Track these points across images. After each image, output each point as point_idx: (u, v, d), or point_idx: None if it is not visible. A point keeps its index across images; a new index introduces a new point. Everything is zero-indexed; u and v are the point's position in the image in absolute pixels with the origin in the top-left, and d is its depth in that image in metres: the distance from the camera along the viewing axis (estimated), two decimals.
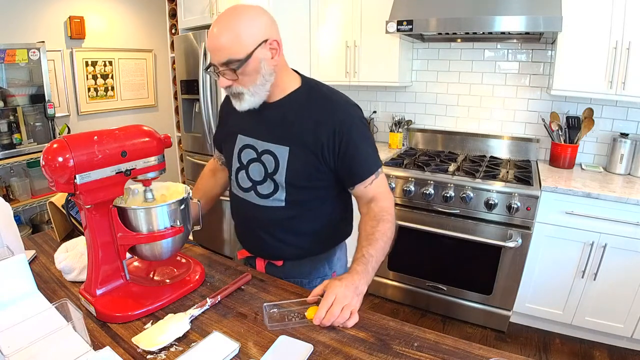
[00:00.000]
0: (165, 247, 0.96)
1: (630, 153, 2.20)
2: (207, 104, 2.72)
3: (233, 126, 1.13)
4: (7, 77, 2.79)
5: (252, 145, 1.08)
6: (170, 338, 0.81)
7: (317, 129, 1.01)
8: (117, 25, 3.71)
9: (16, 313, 0.88)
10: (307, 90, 1.06)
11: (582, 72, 2.08)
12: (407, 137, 2.96)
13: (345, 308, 0.86)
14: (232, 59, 0.91)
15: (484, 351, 0.79)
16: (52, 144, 0.81)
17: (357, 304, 0.89)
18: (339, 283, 0.89)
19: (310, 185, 1.05)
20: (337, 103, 1.05)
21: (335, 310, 0.85)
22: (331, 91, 1.09)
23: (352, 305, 0.87)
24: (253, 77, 0.96)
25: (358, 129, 1.03)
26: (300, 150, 1.02)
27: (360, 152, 1.03)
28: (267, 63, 0.95)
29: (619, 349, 2.08)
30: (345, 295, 0.88)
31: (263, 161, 1.06)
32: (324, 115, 1.02)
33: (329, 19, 2.77)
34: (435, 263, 2.36)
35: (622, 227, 1.90)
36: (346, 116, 1.03)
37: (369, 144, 1.05)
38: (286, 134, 1.03)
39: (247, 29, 0.91)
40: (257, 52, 0.92)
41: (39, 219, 3.12)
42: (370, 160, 1.05)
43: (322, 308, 0.86)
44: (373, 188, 1.05)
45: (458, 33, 2.41)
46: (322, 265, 1.18)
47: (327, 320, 0.85)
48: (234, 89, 0.98)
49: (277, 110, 1.04)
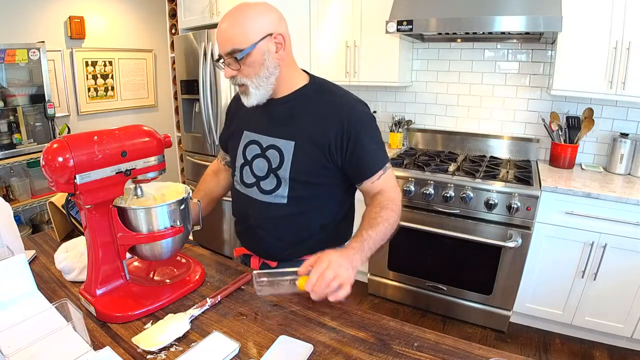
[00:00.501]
0: (165, 247, 0.96)
1: (630, 153, 2.20)
2: (207, 104, 2.72)
3: (239, 123, 1.15)
4: (7, 77, 2.79)
5: (257, 141, 1.09)
6: (170, 338, 0.81)
7: (324, 125, 1.01)
8: (117, 25, 3.71)
9: (16, 313, 0.88)
10: (314, 87, 1.07)
11: (582, 72, 2.08)
12: (407, 137, 2.96)
13: (336, 277, 0.82)
14: (236, 48, 0.94)
15: (484, 351, 0.79)
16: (52, 144, 0.81)
17: (349, 277, 0.85)
18: (333, 252, 0.87)
19: (313, 182, 1.05)
20: (345, 99, 1.06)
21: (328, 275, 0.82)
22: (339, 89, 1.09)
23: (344, 276, 0.83)
24: (257, 69, 0.97)
25: (366, 126, 1.03)
26: (306, 145, 1.02)
27: (368, 149, 1.03)
28: (271, 56, 0.98)
29: (619, 349, 2.08)
30: (339, 263, 0.85)
31: (267, 156, 1.06)
32: (331, 112, 1.02)
33: (329, 19, 2.77)
34: (435, 263, 2.36)
35: (622, 227, 1.90)
36: (354, 113, 1.03)
37: (377, 141, 1.05)
38: (292, 128, 1.04)
39: (252, 21, 0.94)
40: (261, 44, 0.95)
41: (39, 219, 3.12)
42: (378, 156, 1.05)
43: (314, 273, 0.83)
44: (380, 183, 1.05)
45: (458, 33, 2.41)
46: None
47: (318, 286, 0.82)
48: (238, 79, 1.00)
49: (283, 106, 1.06)
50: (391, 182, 1.07)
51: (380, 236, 0.96)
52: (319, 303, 0.89)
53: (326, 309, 0.88)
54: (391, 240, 1.01)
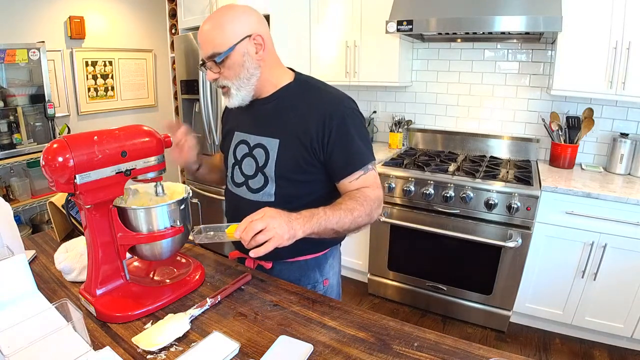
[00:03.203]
0: (165, 247, 0.97)
1: (630, 153, 2.20)
2: (207, 104, 2.72)
3: (231, 125, 1.17)
4: (7, 77, 2.79)
5: (245, 141, 1.10)
6: (170, 338, 0.81)
7: (307, 120, 1.01)
8: (117, 25, 3.71)
9: (16, 313, 0.88)
10: (299, 84, 1.08)
11: (582, 72, 2.08)
12: (407, 137, 2.96)
13: (266, 230, 0.80)
14: (215, 52, 0.96)
15: (484, 351, 0.79)
16: (52, 144, 0.81)
17: (280, 235, 0.81)
18: (275, 209, 0.84)
19: (299, 179, 1.04)
20: (329, 95, 1.05)
21: (258, 225, 0.80)
22: (325, 85, 1.09)
23: (273, 232, 0.80)
24: (237, 71, 0.99)
25: (347, 122, 1.00)
26: (290, 142, 1.02)
27: (349, 146, 1.00)
28: (251, 57, 0.99)
29: (619, 349, 2.08)
30: (274, 217, 0.82)
31: (255, 155, 1.07)
32: (314, 107, 1.02)
33: (329, 19, 2.77)
34: (435, 263, 2.36)
35: (622, 227, 1.90)
36: (336, 108, 1.01)
37: (361, 138, 1.01)
38: (277, 126, 1.04)
39: (230, 24, 0.96)
40: (239, 46, 0.96)
41: (39, 219, 3.12)
42: (359, 154, 1.00)
43: (246, 220, 0.82)
44: (359, 184, 1.00)
45: (458, 33, 2.41)
46: (313, 271, 1.15)
47: (245, 232, 0.80)
48: (219, 82, 1.02)
49: (269, 105, 1.07)
50: (372, 183, 1.01)
51: (336, 220, 0.91)
52: (318, 304, 0.89)
53: (326, 309, 0.87)
54: (391, 240, 1.00)
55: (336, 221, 0.91)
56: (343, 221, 0.92)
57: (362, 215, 0.94)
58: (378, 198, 1.00)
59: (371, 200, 0.97)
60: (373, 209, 0.97)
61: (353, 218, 0.93)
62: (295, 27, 2.73)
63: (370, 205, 0.96)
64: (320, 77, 1.13)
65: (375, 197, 0.99)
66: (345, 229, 0.93)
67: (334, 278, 1.22)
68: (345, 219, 0.92)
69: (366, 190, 0.99)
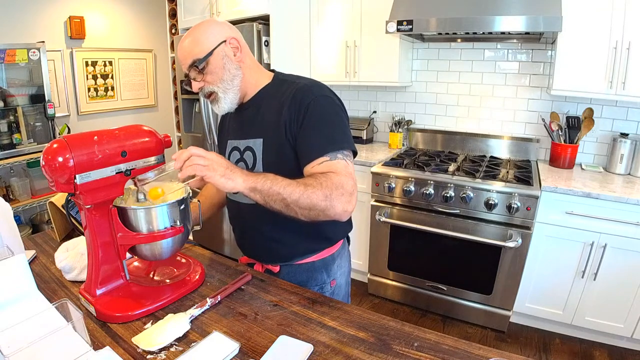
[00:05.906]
0: (165, 247, 0.96)
1: (630, 153, 2.20)
2: (207, 104, 2.72)
3: (224, 134, 1.21)
4: (7, 77, 2.79)
5: (236, 147, 1.12)
6: (170, 338, 0.81)
7: (281, 111, 1.02)
8: (117, 25, 3.71)
9: (16, 313, 0.88)
10: (276, 83, 1.10)
11: (582, 72, 2.08)
12: (407, 137, 2.96)
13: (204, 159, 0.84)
14: (195, 59, 0.99)
15: (484, 351, 0.79)
16: (52, 144, 0.81)
17: (215, 169, 0.85)
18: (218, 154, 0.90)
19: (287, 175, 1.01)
20: (300, 84, 1.05)
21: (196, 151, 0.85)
22: (299, 77, 1.11)
23: (211, 162, 0.85)
24: (220, 74, 1.02)
25: (317, 108, 0.99)
26: (272, 139, 1.04)
27: (315, 131, 0.98)
28: (230, 60, 1.02)
29: (619, 349, 2.08)
30: (215, 154, 0.87)
31: (245, 159, 1.09)
32: (287, 97, 1.03)
33: (329, 19, 2.77)
34: (435, 263, 2.36)
35: (622, 227, 1.90)
36: (306, 94, 1.01)
37: (331, 125, 0.99)
38: (259, 126, 1.07)
39: (204, 34, 1.01)
40: (217, 50, 1.00)
41: (39, 219, 3.12)
42: (325, 140, 0.97)
43: (188, 150, 0.86)
44: (322, 169, 0.95)
45: (458, 33, 2.41)
46: (320, 272, 1.15)
47: (181, 154, 0.85)
48: (205, 89, 1.04)
49: (252, 107, 1.09)
50: (339, 172, 0.94)
51: (284, 185, 0.88)
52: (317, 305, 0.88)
53: (326, 309, 0.87)
54: (391, 240, 0.99)
55: (284, 186, 0.88)
56: (293, 191, 0.88)
57: (317, 194, 0.89)
58: (342, 185, 0.92)
59: (332, 184, 0.91)
60: (333, 193, 0.90)
61: (305, 192, 0.88)
62: (295, 27, 2.72)
63: (329, 188, 0.90)
64: (320, 77, 1.14)
65: (339, 182, 0.91)
66: (295, 200, 0.88)
67: (342, 278, 1.22)
68: (296, 190, 0.88)
69: (331, 174, 0.93)
